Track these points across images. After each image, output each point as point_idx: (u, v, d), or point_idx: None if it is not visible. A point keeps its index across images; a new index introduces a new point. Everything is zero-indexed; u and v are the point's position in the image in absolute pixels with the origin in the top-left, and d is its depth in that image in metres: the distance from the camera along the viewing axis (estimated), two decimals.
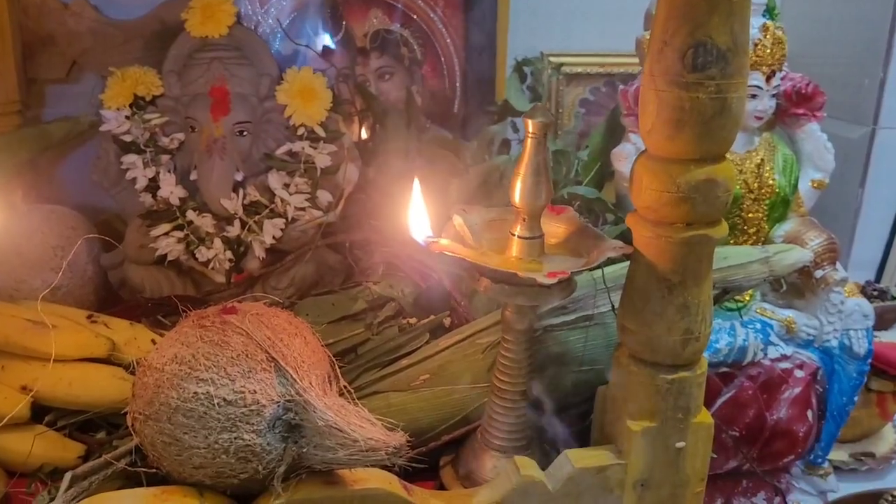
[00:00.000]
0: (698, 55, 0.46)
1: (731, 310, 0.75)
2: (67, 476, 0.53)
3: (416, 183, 0.54)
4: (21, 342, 0.62)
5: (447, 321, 0.68)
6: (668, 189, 0.48)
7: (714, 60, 0.46)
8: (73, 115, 0.94)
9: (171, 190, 0.76)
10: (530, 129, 0.52)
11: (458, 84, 0.98)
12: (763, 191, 0.76)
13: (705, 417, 0.55)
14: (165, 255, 0.77)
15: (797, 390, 0.73)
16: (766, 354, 0.72)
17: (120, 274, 0.80)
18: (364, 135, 0.90)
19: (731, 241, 0.76)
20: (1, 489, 0.60)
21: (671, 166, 0.49)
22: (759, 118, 0.75)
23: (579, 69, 1.11)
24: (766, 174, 0.76)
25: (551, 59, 1.10)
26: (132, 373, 0.61)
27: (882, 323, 0.88)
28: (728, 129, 0.48)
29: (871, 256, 1.06)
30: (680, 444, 0.54)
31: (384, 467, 0.51)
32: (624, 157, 0.76)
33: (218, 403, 0.49)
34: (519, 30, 1.07)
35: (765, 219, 0.76)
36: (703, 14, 0.46)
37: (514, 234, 0.55)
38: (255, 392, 0.49)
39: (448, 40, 0.96)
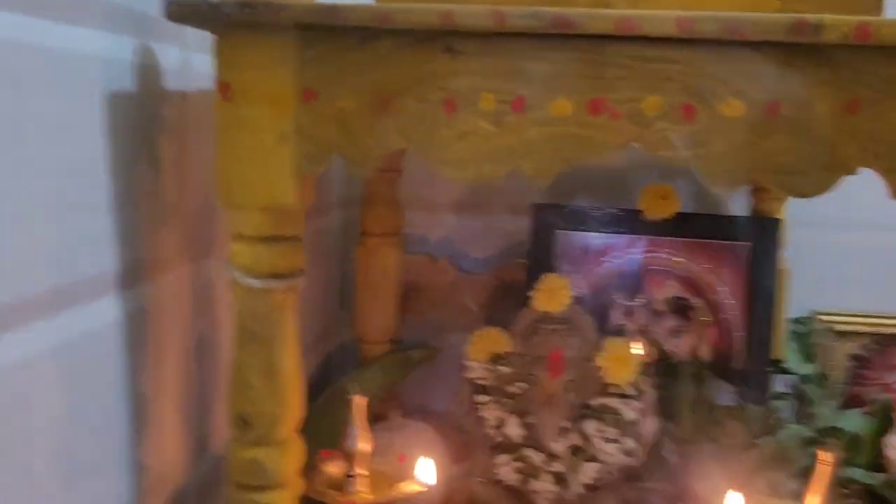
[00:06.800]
0: None
1: None
2: None
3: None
4: None
5: None
6: None
7: None
8: (426, 344, 1.24)
9: (513, 429, 0.99)
10: (821, 457, 0.68)
11: (738, 344, 1.15)
12: None
13: None
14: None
15: None
16: None
17: (464, 485, 1.04)
18: (657, 385, 1.09)
19: None
20: None
21: None
22: None
23: (849, 328, 1.24)
24: None
25: (822, 317, 1.24)
26: None
27: None
28: None
29: None
30: None
31: None
32: (892, 447, 0.88)
33: None
34: (794, 293, 1.22)
35: None
36: None
37: None
38: None
39: (734, 312, 1.14)
